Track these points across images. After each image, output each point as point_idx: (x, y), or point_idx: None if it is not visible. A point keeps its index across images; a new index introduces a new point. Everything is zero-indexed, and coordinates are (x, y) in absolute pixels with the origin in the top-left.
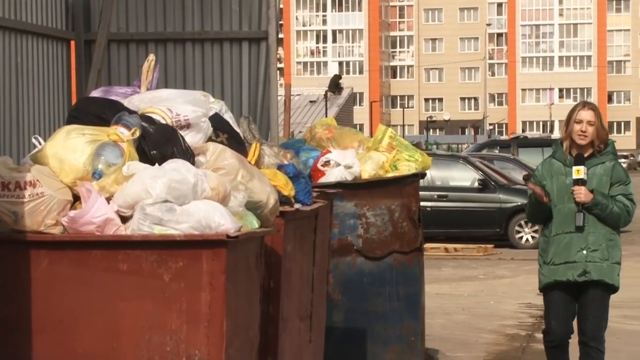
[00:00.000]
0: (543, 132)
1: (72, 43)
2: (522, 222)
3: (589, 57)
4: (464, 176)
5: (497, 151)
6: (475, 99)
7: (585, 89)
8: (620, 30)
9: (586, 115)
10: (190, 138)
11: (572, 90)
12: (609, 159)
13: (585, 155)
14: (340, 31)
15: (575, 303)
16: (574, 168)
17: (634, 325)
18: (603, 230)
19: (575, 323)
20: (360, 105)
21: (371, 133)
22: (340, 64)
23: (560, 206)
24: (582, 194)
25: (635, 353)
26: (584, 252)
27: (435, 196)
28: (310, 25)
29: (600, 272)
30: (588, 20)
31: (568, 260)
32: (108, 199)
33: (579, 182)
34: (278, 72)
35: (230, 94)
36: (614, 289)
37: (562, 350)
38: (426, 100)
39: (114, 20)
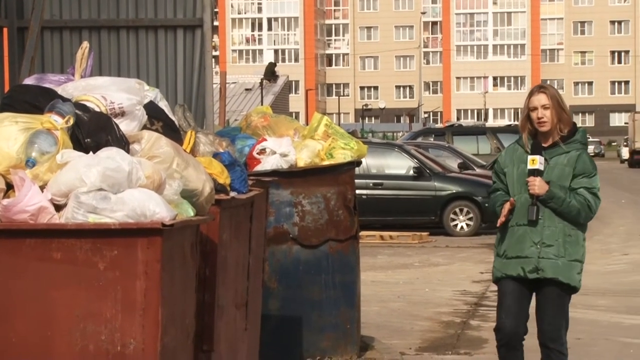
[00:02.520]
0: (477, 120)
1: (5, 30)
2: (457, 210)
3: (522, 45)
4: (399, 164)
5: (432, 139)
6: (411, 87)
7: (519, 78)
8: (554, 18)
9: (539, 99)
10: (125, 126)
11: (506, 79)
12: (575, 148)
13: (549, 143)
14: (276, 19)
15: (529, 300)
16: (529, 157)
17: (576, 312)
18: (561, 225)
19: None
20: (295, 93)
21: (307, 121)
22: (276, 52)
23: (518, 196)
24: (536, 185)
25: (570, 339)
26: (537, 247)
27: (371, 184)
28: (245, 13)
29: (555, 269)
30: (522, 8)
31: (520, 255)
32: (42, 188)
33: (534, 172)
34: (213, 59)
35: (165, 82)
36: (571, 288)
37: (513, 352)
38: (362, 88)
39: (47, 7)
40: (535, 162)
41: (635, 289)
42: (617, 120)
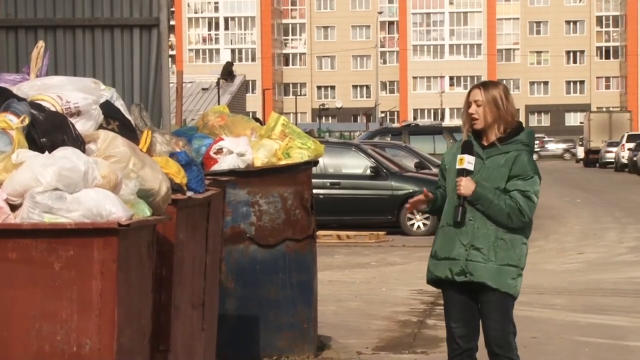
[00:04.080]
0: (434, 119)
1: None
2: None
3: (478, 45)
4: (356, 164)
5: (388, 139)
6: (367, 86)
7: (476, 77)
8: (510, 18)
9: (473, 95)
10: (81, 126)
11: (462, 79)
12: (516, 148)
13: (487, 142)
14: (233, 18)
15: (474, 303)
16: (458, 157)
17: (525, 310)
18: (492, 228)
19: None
20: (252, 92)
21: (264, 121)
22: (233, 51)
23: (452, 195)
24: (462, 185)
25: (525, 338)
26: (465, 249)
27: (328, 184)
28: (202, 12)
29: (483, 273)
30: (478, 8)
31: (449, 256)
32: None
33: (463, 172)
34: (170, 59)
35: (121, 81)
36: (504, 293)
37: None
38: (318, 87)
39: (2, 6)
40: (463, 161)
41: (591, 287)
42: (573, 119)
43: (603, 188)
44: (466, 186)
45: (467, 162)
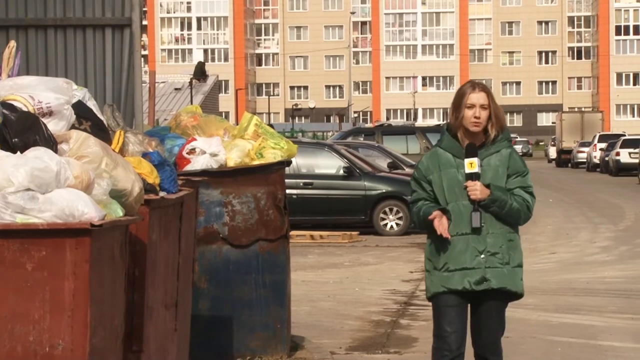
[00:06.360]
0: (407, 120)
1: None
2: (387, 210)
3: (451, 45)
4: (330, 164)
5: (361, 139)
6: (340, 87)
7: (448, 78)
8: (482, 19)
9: (478, 98)
10: (53, 126)
11: (435, 79)
12: (504, 146)
13: (478, 143)
14: (205, 18)
15: (467, 308)
16: (466, 161)
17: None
18: (502, 230)
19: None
20: (225, 92)
21: (237, 121)
22: (205, 51)
23: (453, 204)
24: (478, 190)
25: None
26: (482, 256)
27: (301, 184)
28: (174, 12)
29: (502, 278)
30: (450, 9)
31: (466, 267)
32: None
33: (473, 176)
34: (142, 59)
35: (93, 81)
36: (517, 295)
37: None
38: (291, 88)
39: None
40: (474, 165)
41: (563, 287)
42: (545, 120)
43: (575, 188)
44: (482, 190)
45: (478, 165)
